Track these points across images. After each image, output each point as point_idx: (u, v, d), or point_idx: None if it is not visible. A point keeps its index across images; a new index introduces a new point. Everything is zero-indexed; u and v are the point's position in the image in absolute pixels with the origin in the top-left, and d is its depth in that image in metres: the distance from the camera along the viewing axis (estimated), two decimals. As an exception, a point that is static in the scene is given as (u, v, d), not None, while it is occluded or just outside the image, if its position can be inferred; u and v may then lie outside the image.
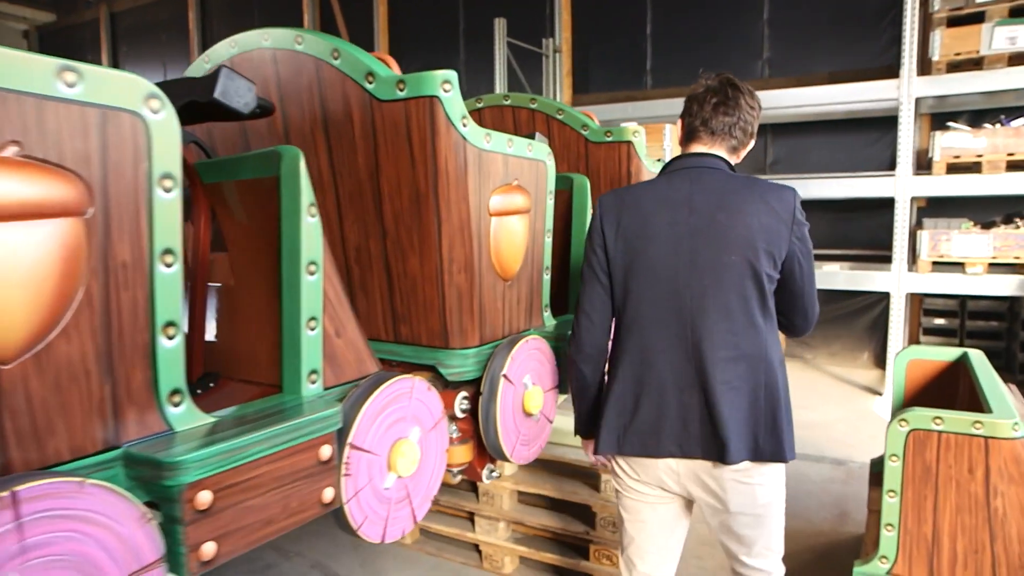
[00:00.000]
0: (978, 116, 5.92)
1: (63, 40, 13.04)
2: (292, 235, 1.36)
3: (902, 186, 5.29)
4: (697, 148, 1.62)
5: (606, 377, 1.68)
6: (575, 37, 7.94)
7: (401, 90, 1.67)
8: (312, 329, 1.39)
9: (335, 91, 1.77)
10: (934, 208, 6.17)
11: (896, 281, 5.34)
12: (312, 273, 1.38)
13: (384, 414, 1.44)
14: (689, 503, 1.72)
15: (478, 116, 2.99)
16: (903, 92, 5.23)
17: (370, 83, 1.71)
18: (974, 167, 5.14)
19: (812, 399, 5.51)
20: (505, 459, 1.86)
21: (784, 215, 1.52)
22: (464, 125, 1.68)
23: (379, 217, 1.80)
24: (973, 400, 2.50)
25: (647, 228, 1.55)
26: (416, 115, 1.66)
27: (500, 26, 7.23)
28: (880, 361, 6.17)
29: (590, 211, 2.38)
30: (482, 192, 1.78)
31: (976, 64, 5.18)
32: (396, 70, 1.75)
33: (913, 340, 6.32)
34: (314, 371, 1.40)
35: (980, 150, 5.04)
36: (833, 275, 5.59)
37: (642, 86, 7.66)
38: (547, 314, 2.14)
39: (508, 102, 2.90)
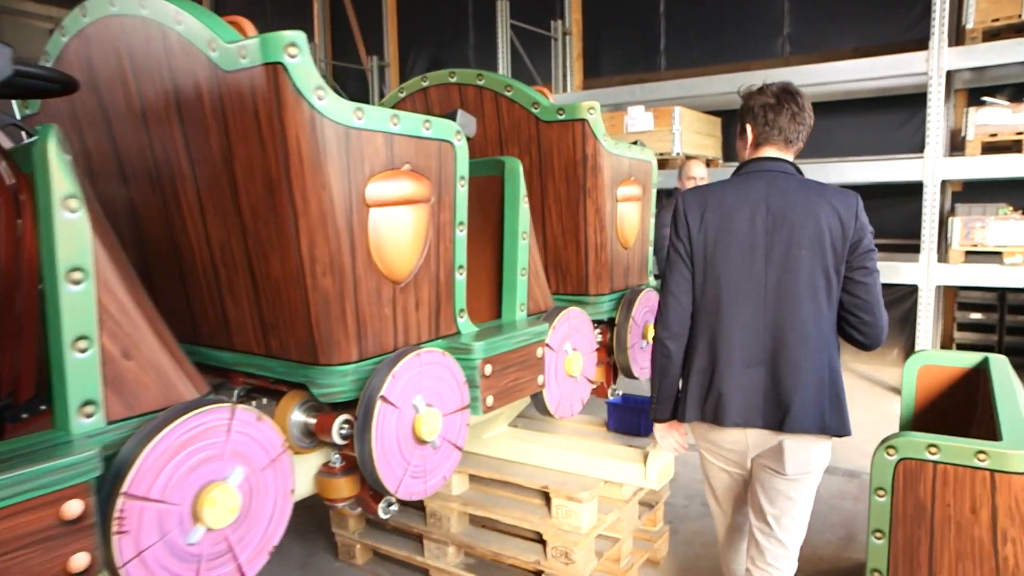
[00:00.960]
0: (1021, 91, 5.37)
1: (86, 37, 13.13)
2: (47, 237, 1.08)
3: (931, 168, 4.80)
4: (770, 152, 1.81)
5: (681, 359, 1.86)
6: (586, 19, 7.55)
7: (243, 57, 1.38)
8: (82, 351, 1.11)
9: (183, 62, 1.50)
10: (970, 193, 5.64)
11: (925, 273, 4.87)
12: (77, 282, 1.10)
13: (185, 453, 1.16)
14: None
15: (424, 96, 2.68)
16: (932, 64, 4.74)
17: (214, 51, 1.43)
18: (1013, 146, 4.64)
19: (832, 401, 5.08)
20: (388, 494, 1.57)
21: (847, 218, 1.71)
22: (320, 98, 1.39)
23: (237, 210, 1.52)
24: (993, 417, 2.12)
25: (728, 223, 1.74)
26: (261, 87, 1.37)
27: (503, 8, 6.90)
28: (910, 360, 5.68)
29: (524, 199, 2.06)
30: (353, 178, 1.48)
31: (1017, 31, 4.66)
32: (250, 33, 1.46)
33: (947, 336, 5.81)
34: (90, 402, 1.12)
35: (1020, 127, 4.53)
36: (856, 267, 5.13)
37: (656, 68, 7.24)
38: (463, 320, 1.83)
39: (454, 79, 2.59)
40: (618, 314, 2.54)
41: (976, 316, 5.38)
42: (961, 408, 2.71)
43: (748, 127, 1.83)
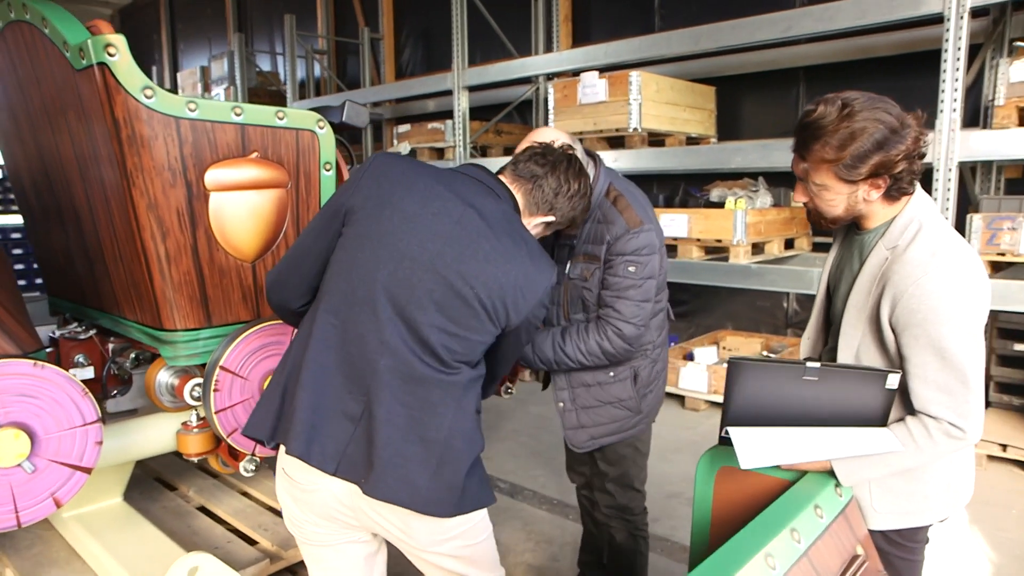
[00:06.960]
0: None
1: (137, 20, 13.37)
2: None
3: (944, 146, 3.48)
4: (502, 178, 1.59)
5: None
6: (576, -26, 6.46)
7: None
8: None
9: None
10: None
11: (932, 289, 3.56)
12: None
13: None
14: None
15: (2, 40, 1.93)
16: (949, -1, 3.40)
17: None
18: (1064, 114, 3.25)
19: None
20: None
21: (540, 294, 1.44)
22: None
23: None
24: None
25: (408, 201, 1.39)
26: None
27: (461, -37, 5.96)
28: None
29: None
30: None
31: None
32: None
33: (987, 371, 4.39)
34: None
35: (1069, 85, 3.15)
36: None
37: (651, 28, 6.08)
38: None
39: (13, 15, 1.81)
40: (209, 362, 1.68)
41: (1021, 348, 3.96)
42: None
43: None
